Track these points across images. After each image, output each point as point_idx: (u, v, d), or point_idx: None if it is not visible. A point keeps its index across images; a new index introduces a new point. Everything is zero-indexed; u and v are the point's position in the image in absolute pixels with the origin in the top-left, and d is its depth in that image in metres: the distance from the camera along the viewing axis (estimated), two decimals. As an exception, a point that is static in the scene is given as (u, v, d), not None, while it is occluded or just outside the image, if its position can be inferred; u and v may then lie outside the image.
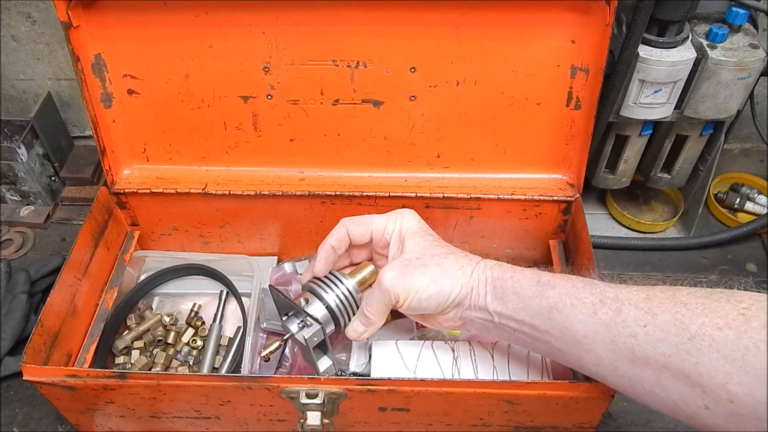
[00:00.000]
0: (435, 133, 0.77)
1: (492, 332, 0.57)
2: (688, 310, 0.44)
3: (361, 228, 0.62)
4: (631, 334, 0.46)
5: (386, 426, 0.66)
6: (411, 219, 0.61)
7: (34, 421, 0.75)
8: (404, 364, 0.65)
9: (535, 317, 0.52)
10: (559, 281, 0.52)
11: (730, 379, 0.41)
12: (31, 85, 1.03)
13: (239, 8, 0.68)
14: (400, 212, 0.62)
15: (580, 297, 0.50)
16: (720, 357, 0.41)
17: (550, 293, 0.52)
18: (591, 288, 0.50)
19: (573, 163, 0.78)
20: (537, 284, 0.53)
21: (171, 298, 0.85)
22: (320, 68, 0.73)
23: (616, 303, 0.48)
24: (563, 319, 0.50)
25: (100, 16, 0.69)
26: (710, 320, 0.43)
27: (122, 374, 0.60)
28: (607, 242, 0.94)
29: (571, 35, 0.68)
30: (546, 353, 0.56)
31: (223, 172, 0.81)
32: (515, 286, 0.54)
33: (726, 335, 0.41)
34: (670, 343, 0.44)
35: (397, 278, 0.56)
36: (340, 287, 0.62)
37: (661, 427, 0.74)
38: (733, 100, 0.78)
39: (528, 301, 0.53)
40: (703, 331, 0.42)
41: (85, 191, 1.02)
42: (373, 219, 0.62)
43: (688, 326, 0.43)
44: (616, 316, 0.47)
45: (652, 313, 0.46)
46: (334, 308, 0.61)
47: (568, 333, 0.50)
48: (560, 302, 0.51)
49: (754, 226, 0.91)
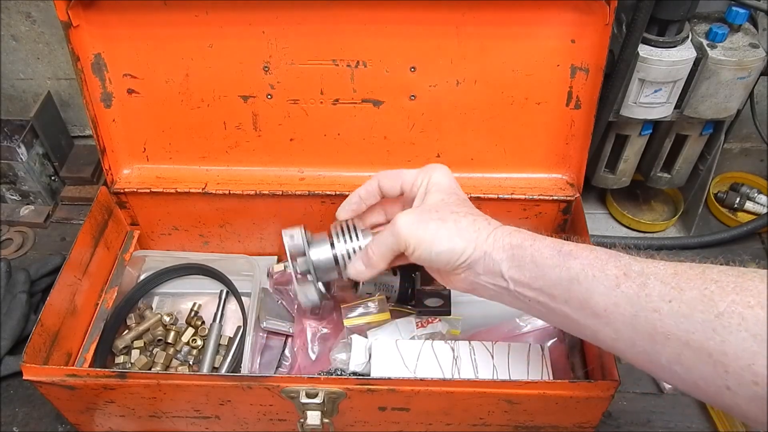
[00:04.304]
0: (435, 133, 0.77)
1: (505, 299, 0.55)
2: (719, 287, 0.41)
3: (392, 182, 0.61)
4: (655, 309, 0.44)
5: (386, 425, 0.66)
6: (441, 174, 0.59)
7: (34, 421, 0.75)
8: (404, 363, 0.65)
9: (554, 287, 0.50)
10: (582, 251, 0.50)
11: (756, 359, 0.38)
12: (31, 84, 1.03)
13: (239, 8, 0.68)
14: (432, 166, 0.60)
15: (603, 269, 0.48)
16: (749, 336, 0.39)
17: (571, 263, 0.49)
18: (615, 261, 0.48)
19: (573, 162, 0.78)
20: (558, 254, 0.50)
21: (171, 298, 0.85)
22: (320, 68, 0.73)
23: (642, 277, 0.46)
24: (584, 291, 0.48)
25: (100, 16, 0.69)
26: (741, 298, 0.40)
27: (122, 374, 0.60)
28: (607, 242, 0.94)
29: (571, 35, 0.68)
30: (561, 324, 0.53)
31: (223, 172, 0.81)
32: (534, 254, 0.51)
33: (757, 314, 0.39)
34: (695, 320, 0.41)
35: (411, 225, 0.55)
36: (354, 241, 0.61)
37: (661, 426, 0.74)
38: (733, 100, 0.79)
39: (547, 270, 0.50)
40: (732, 309, 0.40)
41: (85, 191, 1.02)
42: (404, 173, 0.61)
43: (717, 303, 0.41)
44: (641, 290, 0.45)
45: (679, 289, 0.43)
46: (339, 259, 0.61)
47: (588, 305, 0.48)
48: (581, 273, 0.48)
49: (754, 225, 0.91)
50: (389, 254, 0.57)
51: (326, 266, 0.61)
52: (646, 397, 0.77)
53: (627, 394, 0.76)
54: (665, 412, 0.75)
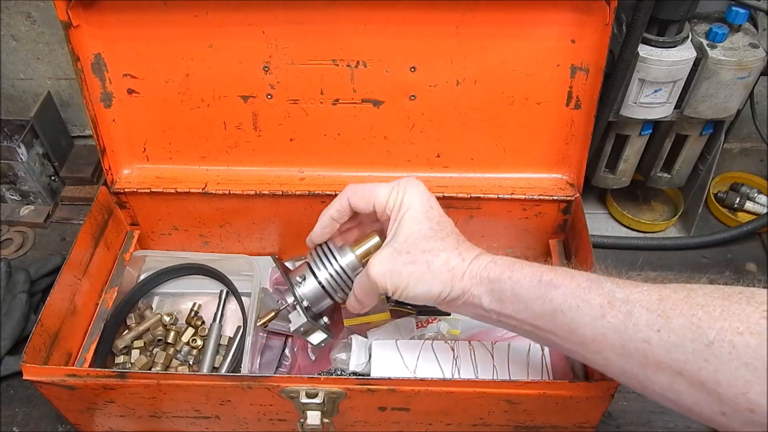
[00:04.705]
0: (435, 133, 0.77)
1: (493, 324, 0.55)
2: (706, 313, 0.41)
3: (364, 201, 0.60)
4: (644, 339, 0.43)
5: (386, 425, 0.66)
6: (413, 194, 0.58)
7: (34, 421, 0.76)
8: (404, 363, 0.65)
9: (538, 318, 0.50)
10: (563, 280, 0.49)
11: (750, 388, 0.38)
12: (31, 84, 1.03)
13: (239, 8, 0.68)
14: (405, 184, 0.58)
15: (586, 298, 0.47)
16: (741, 365, 0.39)
17: (553, 294, 0.49)
18: (598, 288, 0.47)
19: (573, 162, 0.78)
20: (539, 284, 0.50)
21: (171, 298, 0.85)
22: (320, 68, 0.72)
23: (627, 305, 0.45)
24: (569, 321, 0.48)
25: (100, 16, 0.69)
26: (730, 324, 0.40)
27: (122, 374, 0.60)
28: (607, 242, 0.94)
29: (571, 35, 0.68)
30: (551, 347, 0.54)
31: (223, 172, 0.81)
32: (515, 287, 0.51)
33: (747, 341, 0.39)
34: (685, 349, 0.41)
35: (384, 274, 0.55)
36: (334, 265, 0.62)
37: (661, 426, 0.74)
38: (733, 100, 0.79)
39: (529, 302, 0.50)
40: (722, 337, 0.40)
41: (85, 191, 1.02)
42: (376, 192, 0.59)
43: (706, 331, 0.40)
44: (627, 320, 0.44)
45: (666, 316, 0.43)
46: (326, 286, 0.62)
47: (574, 334, 0.48)
48: (564, 304, 0.48)
49: (754, 225, 0.91)
50: (374, 294, 0.59)
51: (316, 296, 0.63)
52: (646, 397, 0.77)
53: (627, 394, 0.76)
54: (665, 412, 0.75)
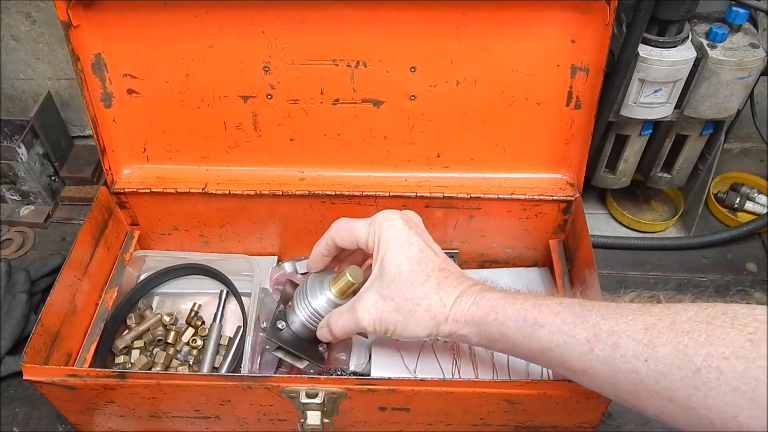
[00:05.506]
0: (435, 133, 0.77)
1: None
2: (691, 339, 0.42)
3: (346, 240, 0.61)
4: (633, 370, 0.45)
5: (386, 426, 0.66)
6: (389, 233, 0.57)
7: (34, 421, 0.76)
8: (404, 364, 0.65)
9: (528, 355, 0.52)
10: (547, 317, 0.50)
11: (740, 412, 0.39)
12: (31, 84, 1.03)
13: (239, 8, 0.68)
14: (379, 223, 0.58)
15: (572, 334, 0.48)
16: (729, 390, 0.39)
17: (539, 334, 0.50)
18: (583, 322, 0.48)
19: (573, 162, 0.78)
20: (524, 324, 0.51)
21: (171, 298, 0.85)
22: (320, 68, 0.72)
23: (613, 336, 0.46)
24: (558, 356, 0.49)
25: (100, 16, 0.69)
26: (716, 350, 0.40)
27: (122, 374, 0.60)
28: (607, 242, 0.94)
29: (571, 35, 0.68)
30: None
31: (223, 172, 0.81)
32: (500, 328, 0.52)
33: (734, 366, 0.39)
34: (674, 377, 0.42)
35: (373, 321, 0.57)
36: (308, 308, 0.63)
37: (660, 426, 0.74)
38: (733, 100, 0.79)
39: (517, 341, 0.52)
40: (709, 363, 0.40)
41: (85, 191, 1.02)
42: (355, 231, 0.60)
43: (693, 358, 0.41)
44: (614, 352, 0.46)
45: (652, 345, 0.44)
46: (306, 323, 0.64)
47: (565, 366, 0.50)
48: (552, 342, 0.49)
49: (754, 225, 0.91)
50: (352, 332, 0.60)
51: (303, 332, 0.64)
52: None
53: (627, 394, 0.76)
54: (665, 412, 0.75)
